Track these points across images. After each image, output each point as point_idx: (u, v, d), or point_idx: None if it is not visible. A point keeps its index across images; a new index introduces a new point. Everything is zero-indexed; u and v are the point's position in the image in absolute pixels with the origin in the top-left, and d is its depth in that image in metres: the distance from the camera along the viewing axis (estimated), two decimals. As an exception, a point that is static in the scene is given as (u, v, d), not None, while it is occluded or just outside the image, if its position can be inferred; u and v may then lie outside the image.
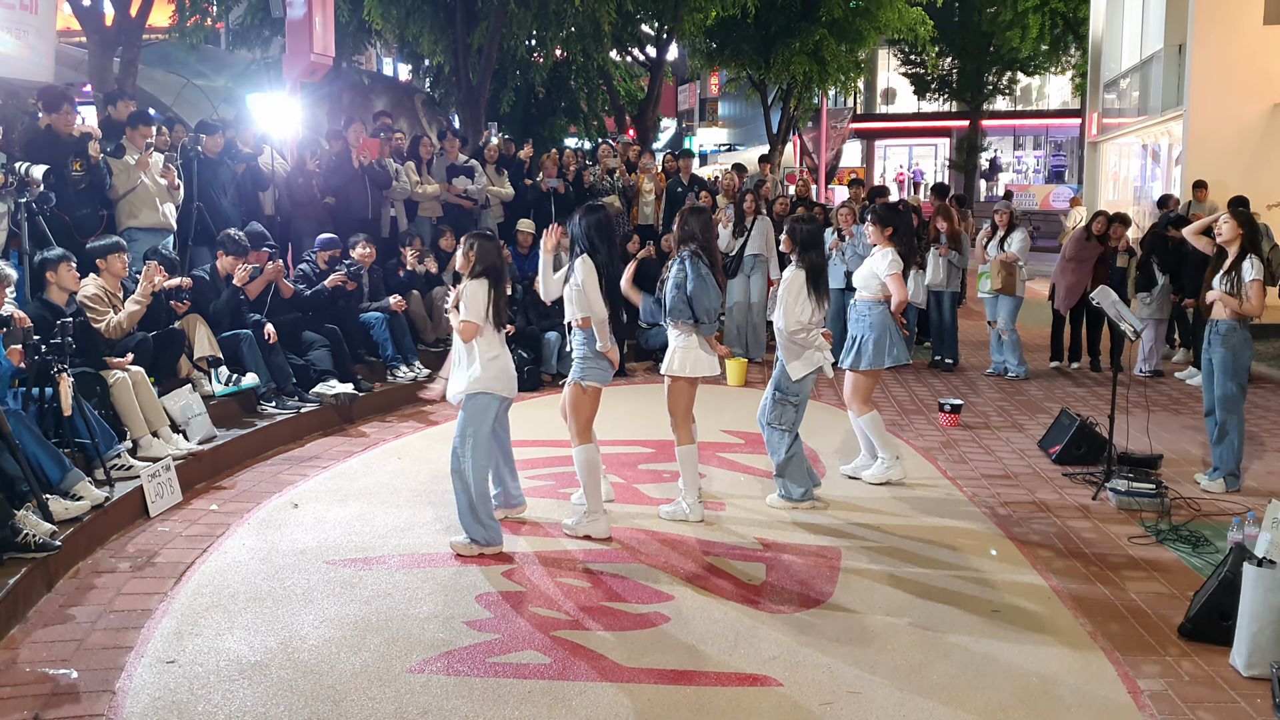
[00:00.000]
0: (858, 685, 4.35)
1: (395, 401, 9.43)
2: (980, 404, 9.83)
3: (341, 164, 10.49)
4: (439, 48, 18.12)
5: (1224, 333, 6.91)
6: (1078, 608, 5.14)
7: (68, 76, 15.33)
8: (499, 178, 12.49)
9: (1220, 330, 6.93)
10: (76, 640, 4.69)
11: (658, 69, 23.41)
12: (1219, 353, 6.94)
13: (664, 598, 5.24)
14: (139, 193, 8.54)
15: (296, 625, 4.86)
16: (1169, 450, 7.99)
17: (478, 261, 5.80)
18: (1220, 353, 6.92)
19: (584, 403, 6.15)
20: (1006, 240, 11.02)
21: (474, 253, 5.80)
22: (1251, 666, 4.39)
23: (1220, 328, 6.94)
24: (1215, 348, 6.97)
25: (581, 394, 6.13)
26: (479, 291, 5.71)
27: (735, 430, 8.69)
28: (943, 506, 6.76)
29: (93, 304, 7.10)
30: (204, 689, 4.26)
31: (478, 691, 4.26)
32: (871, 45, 26.04)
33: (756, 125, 34.29)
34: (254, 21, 19.28)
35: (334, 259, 9.40)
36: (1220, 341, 6.92)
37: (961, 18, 34.22)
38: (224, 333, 8.14)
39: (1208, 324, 7.15)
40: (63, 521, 5.55)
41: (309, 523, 6.31)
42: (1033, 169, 44.04)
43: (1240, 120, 15.86)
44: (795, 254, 6.63)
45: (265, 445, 7.88)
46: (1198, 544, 5.97)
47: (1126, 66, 20.54)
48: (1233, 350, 6.89)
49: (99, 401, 6.61)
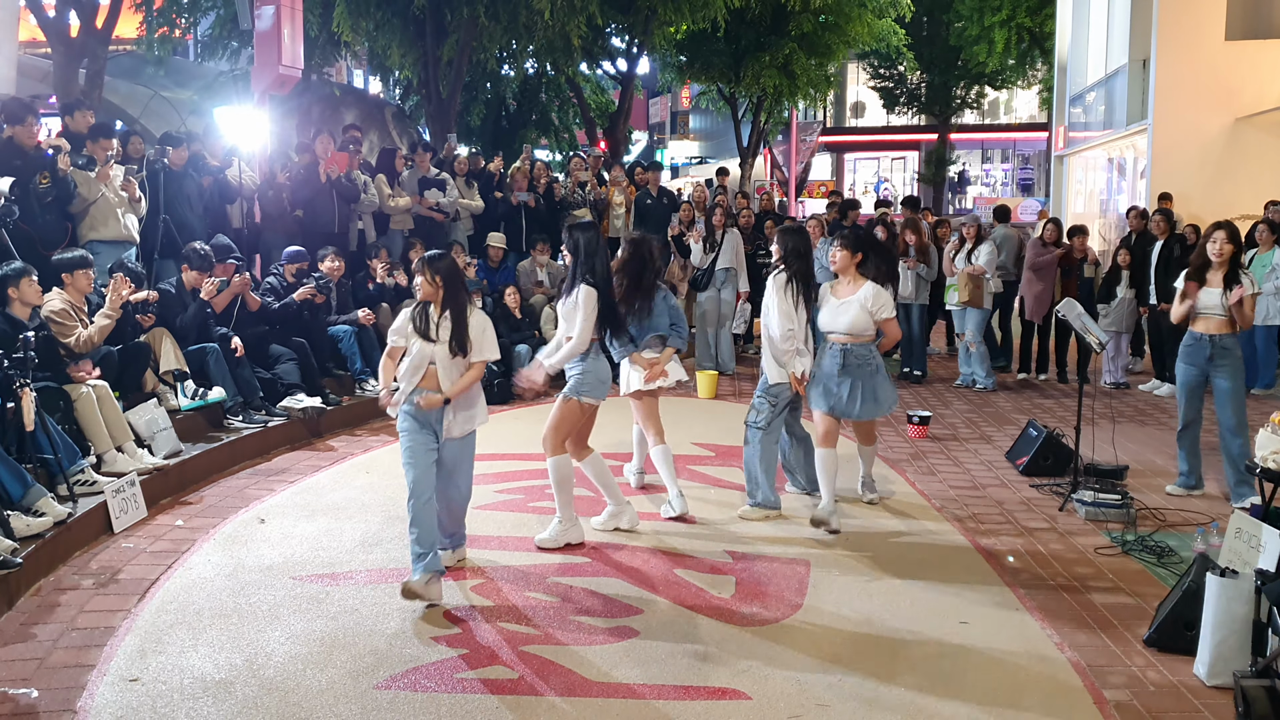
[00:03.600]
0: (826, 698, 4.35)
1: (364, 415, 9.37)
2: (948, 415, 9.88)
3: (309, 177, 10.45)
4: (408, 60, 18.08)
5: (1230, 346, 6.86)
6: (1045, 618, 5.17)
7: (33, 88, 15.21)
8: (469, 190, 12.47)
9: (1226, 344, 6.88)
10: (38, 659, 4.63)
11: (628, 82, 23.45)
12: (1232, 368, 6.87)
13: (633, 611, 5.22)
14: (101, 205, 8.46)
15: (262, 642, 4.82)
16: (1135, 461, 8.05)
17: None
18: (1232, 368, 6.86)
19: (573, 418, 6.15)
20: (974, 253, 11.10)
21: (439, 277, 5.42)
22: (1215, 676, 4.43)
23: (1225, 341, 6.88)
24: (1225, 363, 6.87)
25: (576, 409, 6.13)
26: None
27: (705, 443, 8.70)
28: (911, 519, 6.79)
29: (59, 319, 7.01)
30: (168, 707, 4.21)
31: (445, 707, 4.23)
32: (841, 59, 26.20)
33: (727, 138, 34.40)
34: (222, 33, 19.18)
35: (301, 271, 9.34)
36: (1227, 355, 6.87)
37: (929, 32, 34.52)
38: (190, 346, 8.07)
39: (1197, 339, 7.00)
40: (24, 538, 5.48)
41: (276, 538, 6.25)
42: (1001, 182, 44.40)
43: (1203, 134, 16.05)
44: (784, 262, 6.64)
45: (232, 460, 7.82)
46: (1163, 554, 6.02)
47: (1092, 81, 20.75)
48: (1239, 363, 6.92)
49: (62, 416, 6.54)
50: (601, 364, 6.17)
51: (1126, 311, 11.37)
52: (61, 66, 14.35)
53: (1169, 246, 11.02)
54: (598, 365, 6.14)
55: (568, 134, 26.56)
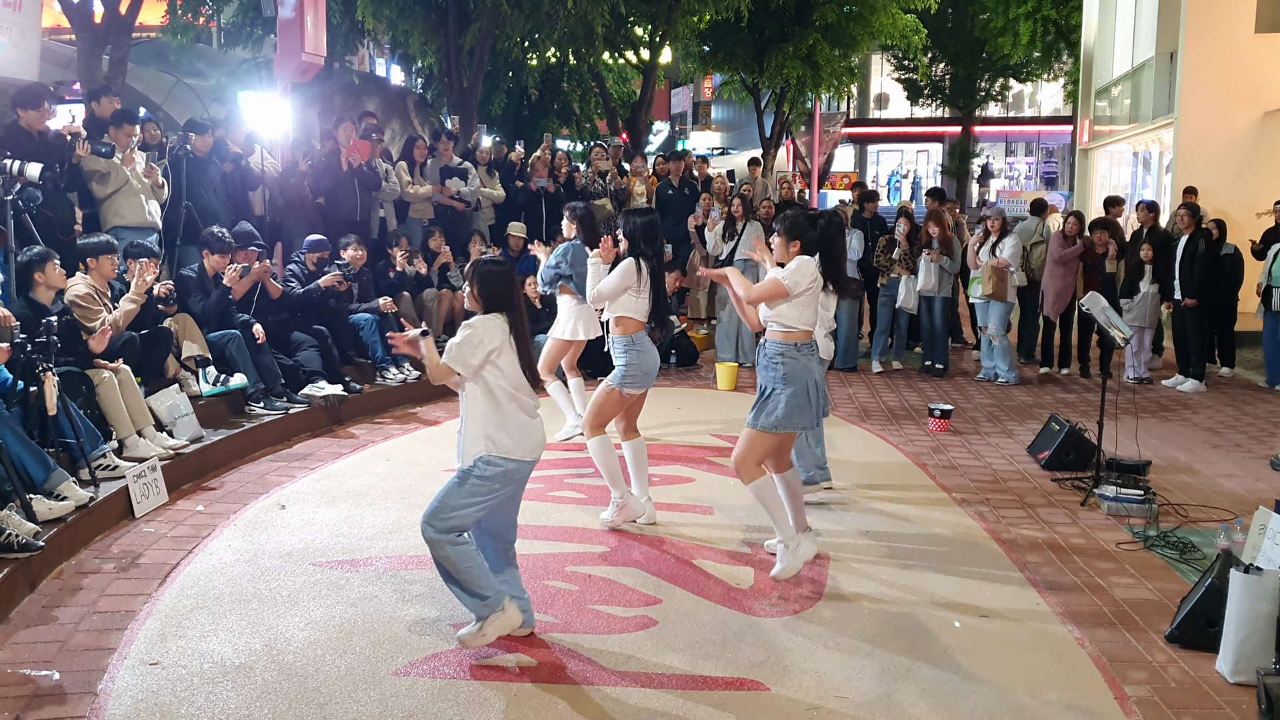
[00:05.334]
0: (844, 690, 4.34)
1: (385, 403, 9.40)
2: (970, 409, 9.83)
3: (331, 165, 10.47)
4: (430, 49, 18.11)
5: None
6: (1065, 613, 5.14)
7: (56, 75, 15.26)
8: (490, 179, 12.47)
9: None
10: (59, 641, 4.66)
11: (651, 72, 23.42)
12: None
13: (652, 601, 5.22)
14: (124, 191, 8.50)
15: (282, 627, 4.84)
16: (1157, 456, 7.99)
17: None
18: None
19: (613, 406, 6.20)
20: (998, 246, 11.03)
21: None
22: (1238, 673, 4.39)
23: None
24: None
25: (617, 398, 6.18)
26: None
27: (725, 434, 8.68)
28: (932, 511, 6.75)
29: (84, 303, 7.05)
30: (187, 691, 4.23)
31: (463, 695, 4.24)
32: (865, 50, 26.09)
33: (749, 129, 34.34)
34: (245, 20, 19.25)
35: (323, 260, 9.37)
36: None
37: (954, 24, 34.30)
38: (212, 333, 8.10)
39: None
40: (46, 522, 5.51)
41: (296, 524, 6.28)
42: (1024, 175, 44.15)
43: (1230, 128, 15.91)
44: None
45: (253, 446, 7.84)
46: (1185, 550, 5.97)
47: (1118, 74, 20.56)
48: None
49: (84, 401, 6.57)
50: (648, 357, 6.20)
51: (1150, 307, 11.27)
52: (85, 53, 14.41)
53: (1193, 241, 10.91)
54: (643, 359, 6.17)
55: (589, 124, 26.55)
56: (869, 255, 11.96)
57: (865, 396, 10.44)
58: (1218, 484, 7.42)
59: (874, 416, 9.52)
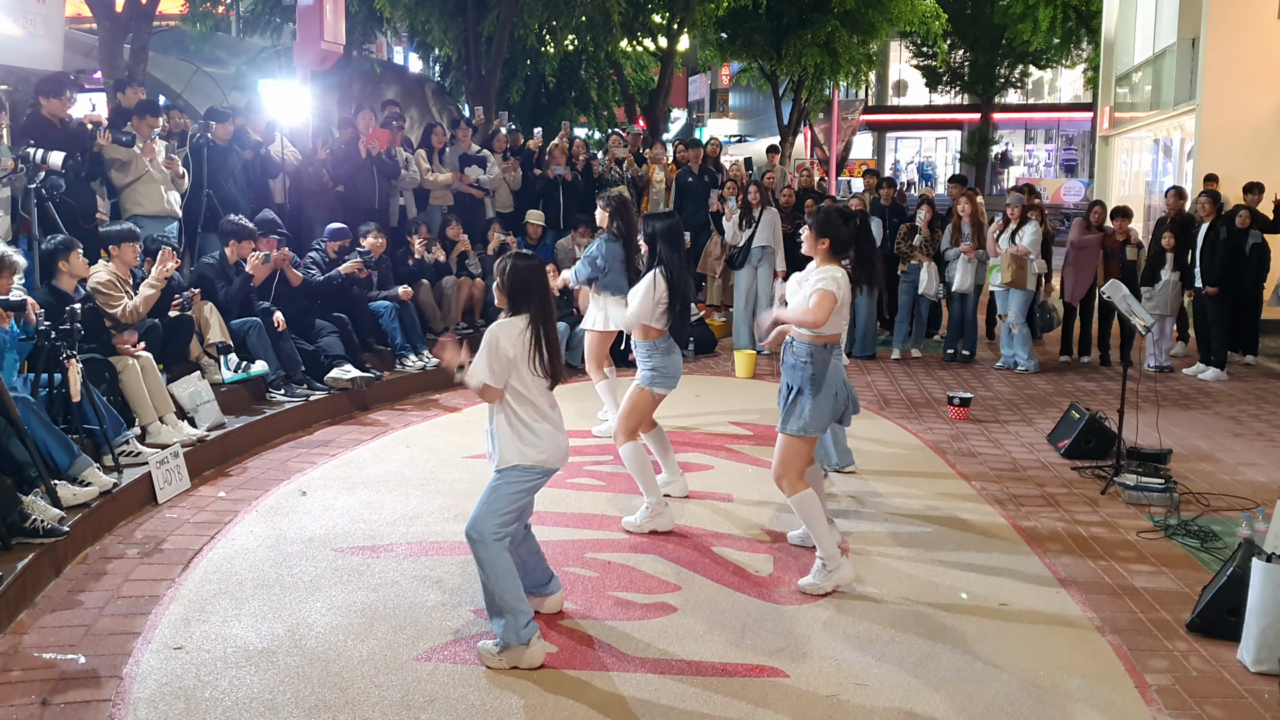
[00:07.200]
0: (864, 677, 4.34)
1: (405, 390, 9.43)
2: (989, 398, 9.80)
3: (350, 153, 10.50)
4: (449, 36, 18.11)
5: None
6: (1085, 602, 5.13)
7: (78, 63, 15.35)
8: (508, 167, 12.47)
9: None
10: (84, 626, 4.71)
11: (668, 59, 23.36)
12: None
13: (671, 588, 5.23)
14: (143, 180, 8.55)
15: (304, 613, 4.87)
16: (1178, 445, 7.96)
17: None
18: None
19: (644, 407, 6.22)
20: (1018, 233, 10.99)
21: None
22: (1260, 662, 4.38)
23: None
24: None
25: (648, 399, 6.21)
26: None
27: (744, 422, 8.68)
28: (951, 499, 6.75)
29: (106, 290, 7.10)
30: (211, 675, 4.27)
31: (484, 680, 4.26)
32: (884, 37, 25.97)
33: (767, 116, 34.22)
34: (264, 8, 19.28)
35: (343, 248, 9.40)
36: None
37: (973, 10, 34.11)
38: (233, 320, 8.15)
39: None
40: (71, 507, 5.56)
41: (317, 510, 6.31)
42: (1044, 163, 43.91)
43: (1253, 115, 15.75)
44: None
45: (274, 432, 7.89)
46: (1206, 539, 5.95)
47: (1139, 60, 20.39)
48: None
49: (108, 388, 6.63)
50: (674, 359, 6.21)
51: (1171, 295, 11.21)
52: (107, 42, 14.49)
53: (1214, 229, 10.84)
54: (669, 361, 6.18)
55: (607, 111, 26.51)
56: (888, 243, 11.93)
57: (884, 384, 10.43)
58: (1239, 472, 7.39)
59: (893, 404, 9.50)
